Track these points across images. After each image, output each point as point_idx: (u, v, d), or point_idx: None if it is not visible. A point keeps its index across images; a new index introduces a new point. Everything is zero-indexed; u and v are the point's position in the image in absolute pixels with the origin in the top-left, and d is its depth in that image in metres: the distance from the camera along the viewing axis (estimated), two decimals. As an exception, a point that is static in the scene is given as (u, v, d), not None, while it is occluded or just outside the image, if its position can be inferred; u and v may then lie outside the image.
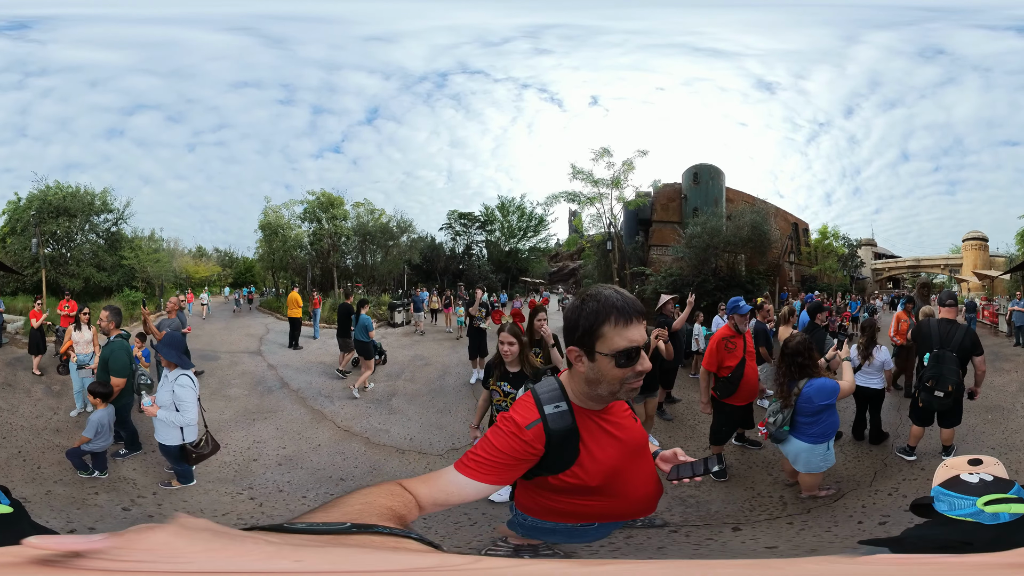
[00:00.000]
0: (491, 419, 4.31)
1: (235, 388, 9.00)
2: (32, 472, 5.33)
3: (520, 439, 1.47)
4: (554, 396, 1.54)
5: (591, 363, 1.46)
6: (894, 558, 0.65)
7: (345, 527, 0.70)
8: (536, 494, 1.67)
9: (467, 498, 1.42)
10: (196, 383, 4.87)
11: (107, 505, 4.68)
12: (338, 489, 5.24)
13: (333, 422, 7.41)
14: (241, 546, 0.57)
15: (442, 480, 1.39)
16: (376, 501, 1.00)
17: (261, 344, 13.30)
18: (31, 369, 9.24)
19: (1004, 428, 6.26)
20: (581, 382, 1.51)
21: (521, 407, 1.54)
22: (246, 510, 4.79)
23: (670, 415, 7.24)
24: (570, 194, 20.09)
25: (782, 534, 4.15)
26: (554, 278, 27.11)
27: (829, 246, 24.09)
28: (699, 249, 17.53)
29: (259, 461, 5.99)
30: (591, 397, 1.53)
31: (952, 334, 5.16)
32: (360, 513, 0.91)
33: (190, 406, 4.71)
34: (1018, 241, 21.53)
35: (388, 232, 22.06)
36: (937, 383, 5.11)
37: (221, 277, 24.74)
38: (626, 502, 1.64)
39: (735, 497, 4.85)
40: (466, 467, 1.42)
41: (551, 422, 1.49)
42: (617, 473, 1.57)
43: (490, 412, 4.40)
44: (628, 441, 1.62)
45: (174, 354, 4.81)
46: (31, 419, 6.98)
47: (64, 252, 19.60)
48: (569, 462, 1.52)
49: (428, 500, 1.27)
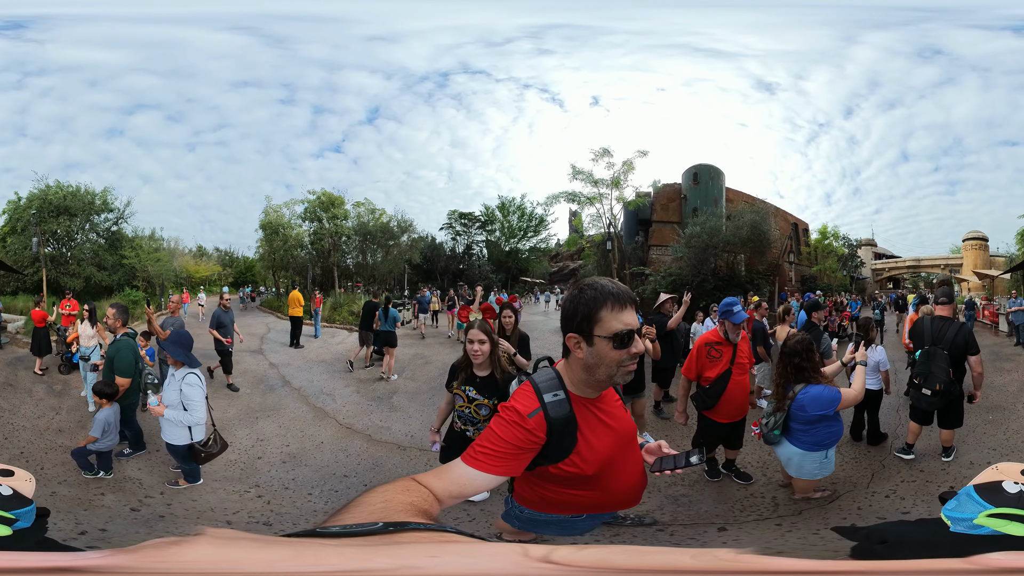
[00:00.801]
0: (451, 425, 4.05)
1: (238, 386, 9.02)
2: (36, 473, 5.24)
3: (523, 427, 1.51)
4: (552, 385, 1.59)
5: (590, 348, 1.53)
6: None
7: (379, 527, 0.69)
8: (536, 485, 1.72)
9: (479, 489, 1.45)
10: (204, 382, 4.84)
11: (115, 506, 4.67)
12: (342, 486, 5.26)
13: (335, 420, 7.44)
14: (292, 550, 0.55)
15: (452, 473, 1.42)
16: (395, 498, 1.00)
17: (262, 343, 13.32)
18: (32, 369, 9.21)
19: (1005, 429, 6.23)
20: (579, 369, 1.58)
21: (522, 396, 1.58)
22: (255, 508, 4.82)
23: (667, 414, 7.27)
24: (570, 194, 20.10)
25: (765, 535, 4.10)
26: (554, 278, 27.12)
27: (829, 246, 24.09)
28: (698, 249, 17.55)
29: (264, 459, 6.03)
30: (588, 384, 1.59)
31: (945, 331, 5.09)
32: (384, 512, 0.90)
33: (198, 405, 4.68)
34: (1018, 241, 21.54)
35: (389, 232, 22.08)
36: (925, 380, 5.08)
37: (222, 276, 24.73)
38: (614, 492, 1.69)
39: (727, 496, 4.83)
40: (473, 459, 1.46)
41: (551, 410, 1.54)
42: (610, 462, 1.63)
43: (452, 418, 4.07)
44: (620, 431, 1.68)
45: (181, 352, 4.77)
46: (33, 419, 6.96)
47: (64, 251, 19.59)
48: (568, 450, 1.57)
49: (443, 493, 1.30)
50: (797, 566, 0.62)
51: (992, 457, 5.43)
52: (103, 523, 4.30)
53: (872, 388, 5.82)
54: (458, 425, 3.96)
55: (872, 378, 5.85)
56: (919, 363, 5.21)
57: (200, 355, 5.20)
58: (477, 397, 3.82)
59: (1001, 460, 1.61)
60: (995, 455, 5.46)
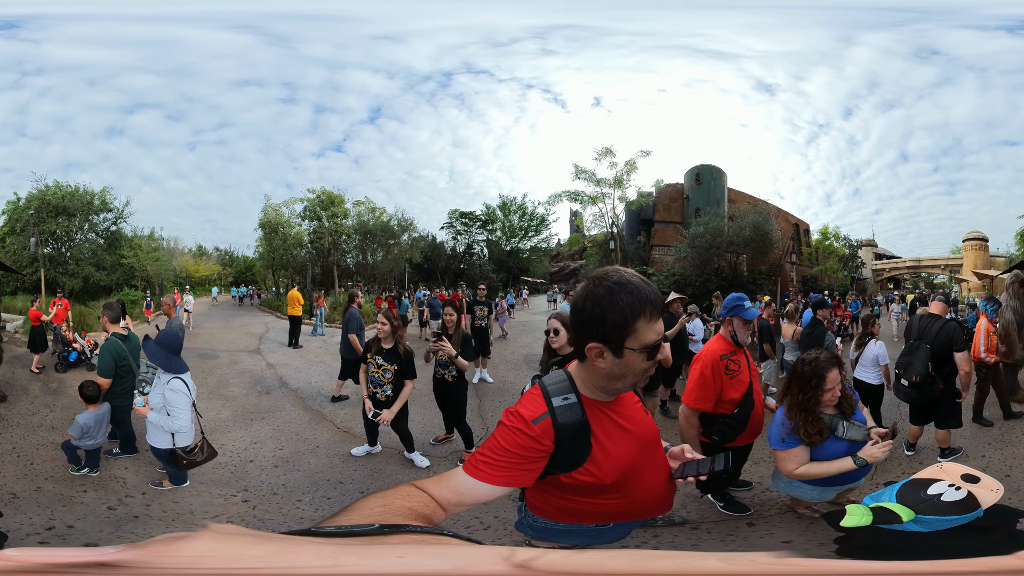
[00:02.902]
0: (372, 394, 5.30)
1: (233, 387, 8.94)
2: (24, 468, 5.29)
3: (527, 435, 1.37)
4: (562, 388, 1.45)
5: (617, 359, 1.35)
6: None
7: (374, 528, 0.68)
8: (548, 494, 1.58)
9: (480, 499, 1.34)
10: (191, 388, 4.62)
11: (92, 503, 4.59)
12: (336, 493, 5.15)
13: (332, 423, 7.34)
14: (294, 546, 0.56)
15: (452, 481, 1.31)
16: (394, 503, 0.97)
17: (261, 343, 13.25)
18: (29, 367, 9.21)
19: (999, 426, 6.23)
20: (598, 376, 1.42)
21: (528, 401, 1.45)
22: (237, 513, 4.69)
23: (674, 412, 7.19)
24: (572, 193, 20.09)
25: (794, 528, 4.08)
26: (555, 278, 27.05)
27: (830, 247, 24.05)
28: (702, 249, 17.51)
29: (255, 462, 5.92)
30: (605, 390, 1.45)
31: (930, 328, 5.22)
32: (382, 515, 0.88)
33: (180, 412, 4.44)
34: (1018, 241, 21.48)
35: (389, 231, 22.02)
36: (905, 372, 5.21)
37: (221, 276, 24.68)
38: (642, 500, 1.56)
39: (745, 493, 4.79)
40: (474, 468, 1.34)
41: (560, 415, 1.41)
42: (632, 469, 1.49)
43: (368, 385, 5.33)
44: (641, 435, 1.53)
45: (161, 355, 4.50)
46: (27, 416, 6.97)
47: (63, 251, 19.54)
48: (581, 459, 1.43)
49: (444, 501, 1.22)
50: (800, 568, 0.60)
51: (986, 451, 5.49)
52: (74, 520, 4.22)
53: (872, 383, 5.86)
54: (369, 388, 5.31)
55: (871, 372, 5.88)
56: (902, 355, 5.37)
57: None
58: (383, 363, 5.25)
59: (994, 455, 1.59)
60: (989, 450, 5.51)
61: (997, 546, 1.32)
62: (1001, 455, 5.41)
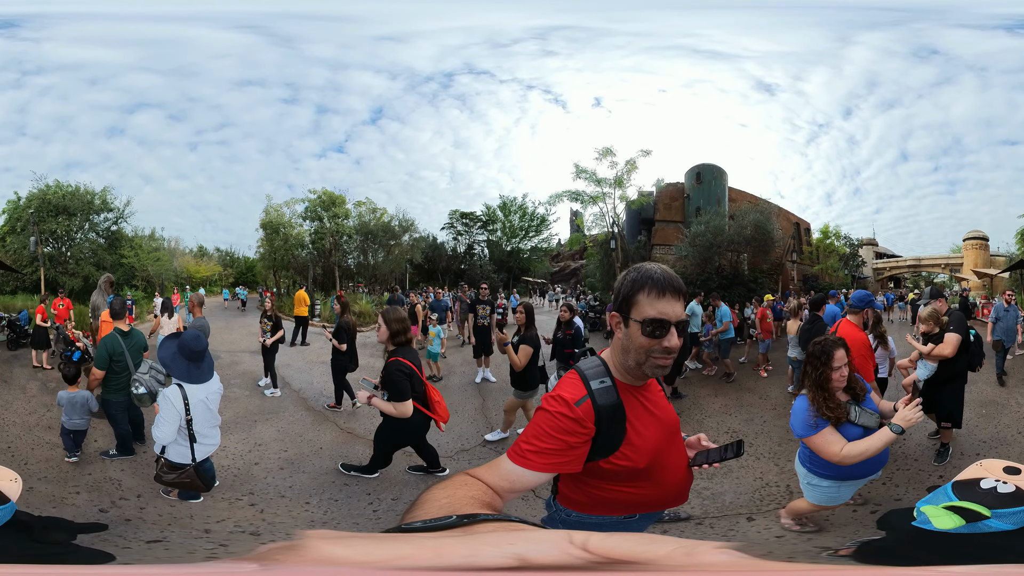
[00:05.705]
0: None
1: (235, 388, 8.90)
2: (19, 468, 5.21)
3: (569, 417, 1.42)
4: (599, 372, 1.53)
5: (625, 329, 1.51)
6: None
7: (452, 520, 0.70)
8: (585, 484, 1.61)
9: (529, 485, 1.39)
10: (185, 401, 4.16)
11: (84, 505, 4.50)
12: (342, 495, 5.11)
13: (336, 424, 7.31)
14: (404, 543, 0.58)
15: (502, 469, 1.36)
16: (457, 493, 0.99)
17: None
18: (28, 365, 9.19)
19: (997, 423, 6.30)
20: (619, 352, 1.54)
21: (568, 384, 1.50)
22: (244, 517, 4.61)
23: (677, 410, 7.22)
24: (573, 193, 20.06)
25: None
26: (556, 278, 27.05)
27: (831, 246, 24.06)
28: (703, 248, 17.53)
29: (260, 465, 5.89)
30: (628, 370, 1.54)
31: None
32: (451, 506, 0.89)
33: (162, 420, 4.07)
34: (1018, 240, 21.49)
35: (390, 231, 22.01)
36: None
37: (222, 276, 24.64)
38: (665, 488, 1.62)
39: (745, 487, 4.97)
40: (521, 457, 1.38)
41: (598, 397, 1.47)
42: (659, 454, 1.56)
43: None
44: (665, 420, 1.62)
45: (168, 358, 4.21)
46: (24, 415, 6.97)
47: (64, 251, 19.51)
48: (618, 441, 1.50)
49: (499, 488, 1.25)
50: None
51: (982, 449, 5.57)
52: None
53: (879, 375, 5.85)
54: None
55: (881, 365, 5.88)
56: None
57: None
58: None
59: (992, 453, 1.57)
60: (986, 447, 5.59)
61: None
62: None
